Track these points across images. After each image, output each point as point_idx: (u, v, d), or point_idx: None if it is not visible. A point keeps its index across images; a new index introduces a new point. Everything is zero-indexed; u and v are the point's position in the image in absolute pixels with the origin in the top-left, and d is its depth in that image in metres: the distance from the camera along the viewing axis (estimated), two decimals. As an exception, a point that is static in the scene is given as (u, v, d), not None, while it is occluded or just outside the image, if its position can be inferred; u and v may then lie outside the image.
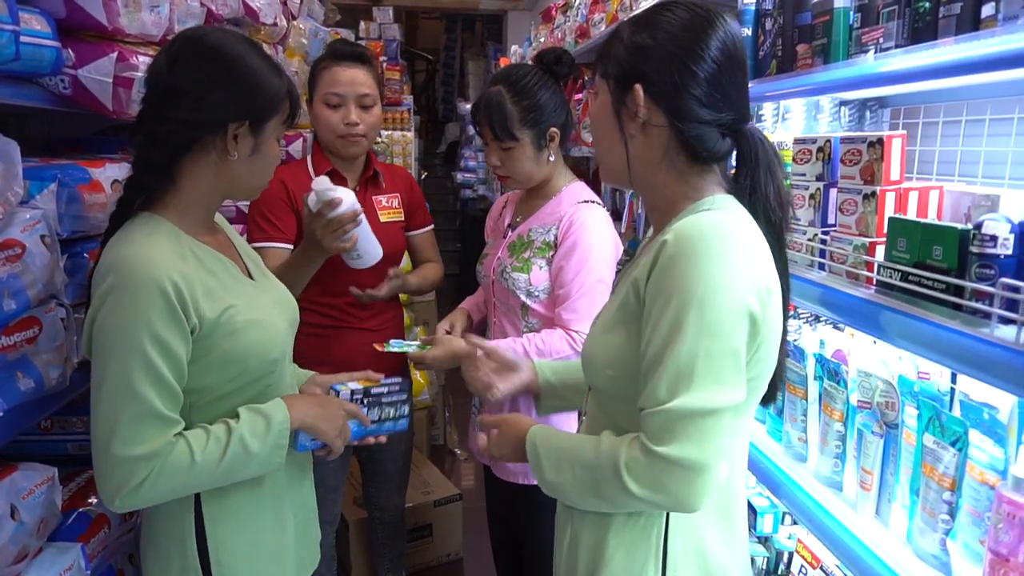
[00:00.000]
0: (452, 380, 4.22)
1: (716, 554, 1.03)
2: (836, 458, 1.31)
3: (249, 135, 1.14)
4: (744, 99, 1.01)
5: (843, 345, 1.36)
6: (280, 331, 1.23)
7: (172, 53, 1.11)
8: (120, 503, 1.03)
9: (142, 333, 1.01)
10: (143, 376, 1.02)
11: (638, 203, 2.62)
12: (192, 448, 1.06)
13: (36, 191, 1.16)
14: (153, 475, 1.02)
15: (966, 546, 1.03)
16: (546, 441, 1.07)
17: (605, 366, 1.03)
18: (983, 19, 0.97)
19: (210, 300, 1.09)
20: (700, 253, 0.90)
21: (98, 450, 1.02)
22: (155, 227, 1.10)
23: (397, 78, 5.81)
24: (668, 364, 0.90)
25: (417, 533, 2.78)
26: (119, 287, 1.02)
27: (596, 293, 1.60)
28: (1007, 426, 1.02)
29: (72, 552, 1.15)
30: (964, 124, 1.38)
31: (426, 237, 2.05)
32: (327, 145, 1.83)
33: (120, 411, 1.01)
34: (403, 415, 1.37)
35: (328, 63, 1.80)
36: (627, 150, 1.02)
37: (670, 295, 0.90)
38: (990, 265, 0.94)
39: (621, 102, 1.01)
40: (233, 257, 1.23)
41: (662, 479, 0.90)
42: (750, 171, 1.00)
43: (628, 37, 1.01)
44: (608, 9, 2.86)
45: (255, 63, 1.14)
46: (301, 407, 1.21)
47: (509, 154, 1.64)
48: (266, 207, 1.78)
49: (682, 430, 0.89)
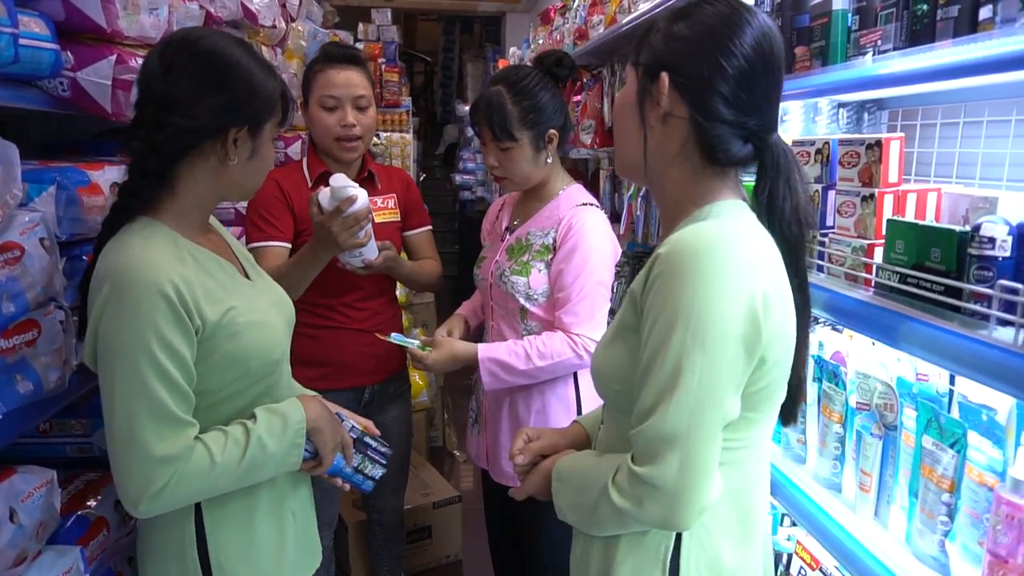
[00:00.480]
0: (451, 382, 4.22)
1: (732, 570, 1.00)
2: (835, 460, 1.31)
3: (248, 139, 1.14)
4: (774, 107, 0.98)
5: (842, 347, 1.36)
6: (279, 332, 1.23)
7: (166, 57, 1.10)
8: (145, 508, 1.03)
9: (149, 337, 1.01)
10: (155, 379, 1.01)
11: (636, 205, 2.62)
12: (211, 450, 1.06)
13: (35, 194, 1.16)
14: (176, 478, 1.02)
15: (965, 547, 1.03)
16: (563, 475, 1.07)
17: (611, 380, 1.02)
18: (980, 21, 0.97)
19: (211, 302, 1.09)
20: (688, 269, 0.88)
21: (118, 457, 1.02)
22: (152, 231, 1.10)
23: (395, 80, 5.81)
24: (652, 383, 0.89)
25: (416, 535, 2.78)
26: (121, 294, 1.02)
27: (596, 296, 1.60)
28: (1005, 428, 1.02)
29: (71, 555, 1.15)
30: (962, 126, 1.38)
31: (424, 237, 2.04)
32: (324, 148, 1.82)
33: (136, 416, 1.01)
34: (374, 477, 1.38)
35: (322, 66, 1.79)
36: (645, 141, 1.00)
37: (659, 312, 0.89)
38: (988, 267, 0.94)
39: (646, 91, 0.98)
40: (230, 258, 1.23)
41: (643, 499, 0.90)
42: (769, 183, 0.97)
43: (665, 26, 0.98)
44: (607, 11, 2.86)
45: (250, 66, 1.13)
46: (315, 408, 1.22)
47: (507, 155, 1.64)
48: (263, 207, 1.78)
49: (662, 451, 0.87)
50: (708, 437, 0.88)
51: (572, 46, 3.38)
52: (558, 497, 1.08)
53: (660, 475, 0.87)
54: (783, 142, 0.98)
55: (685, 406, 0.87)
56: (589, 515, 1.00)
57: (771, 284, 0.92)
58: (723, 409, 0.89)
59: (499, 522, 1.92)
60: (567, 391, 1.69)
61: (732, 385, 0.90)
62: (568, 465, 1.09)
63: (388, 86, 5.80)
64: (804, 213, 0.99)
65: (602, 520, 0.98)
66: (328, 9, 4.35)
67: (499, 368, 1.62)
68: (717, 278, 0.87)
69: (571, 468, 1.07)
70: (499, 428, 1.75)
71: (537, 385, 1.68)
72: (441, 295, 3.90)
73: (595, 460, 1.05)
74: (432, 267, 2.03)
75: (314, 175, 1.83)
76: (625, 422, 1.00)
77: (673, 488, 0.87)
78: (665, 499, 0.88)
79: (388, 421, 1.99)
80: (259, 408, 1.15)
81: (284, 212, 1.79)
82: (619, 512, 0.92)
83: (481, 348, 1.64)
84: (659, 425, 0.87)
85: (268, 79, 1.15)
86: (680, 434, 0.87)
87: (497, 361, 1.61)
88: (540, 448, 1.20)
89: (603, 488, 0.94)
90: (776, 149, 0.97)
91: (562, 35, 3.67)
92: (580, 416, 1.32)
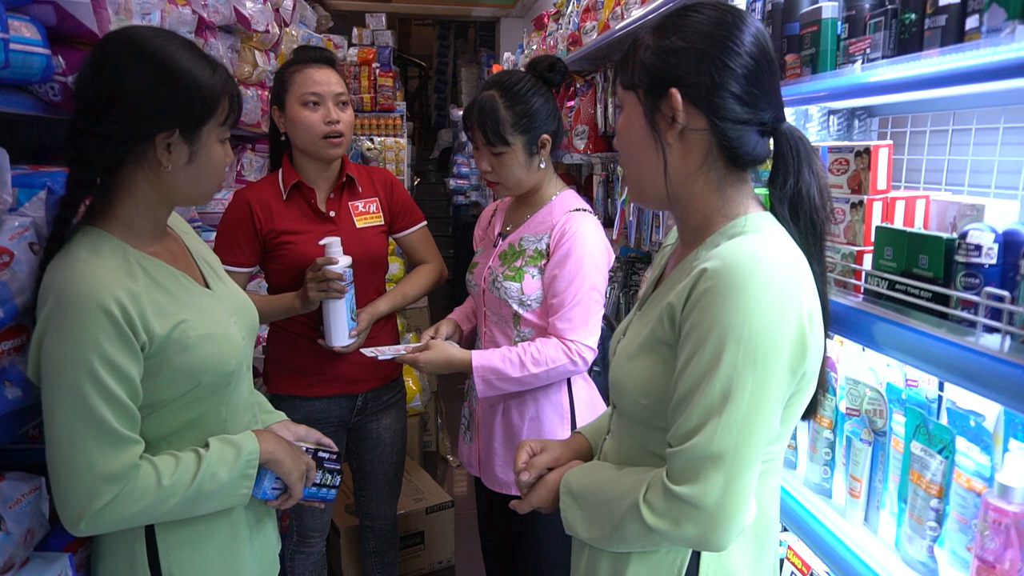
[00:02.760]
0: (445, 387, 4.21)
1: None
2: (825, 465, 1.31)
3: (183, 143, 1.08)
4: (779, 96, 0.97)
5: (832, 353, 1.37)
6: (236, 342, 1.19)
7: (95, 59, 1.05)
8: (85, 526, 1.01)
9: (91, 355, 0.99)
10: (97, 398, 0.99)
11: (629, 210, 2.63)
12: (159, 471, 1.04)
13: (25, 198, 1.15)
14: (119, 497, 1.01)
15: (953, 553, 1.03)
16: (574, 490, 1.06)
17: (638, 394, 0.98)
18: (967, 31, 0.98)
19: (160, 316, 1.07)
20: (740, 288, 0.85)
21: (58, 475, 1.00)
22: (100, 243, 1.06)
23: (390, 84, 5.82)
24: (699, 402, 0.86)
25: (409, 540, 2.77)
26: (64, 309, 0.99)
27: (591, 302, 1.60)
28: (993, 434, 1.03)
29: (59, 562, 1.14)
30: (951, 133, 1.40)
31: (418, 235, 2.01)
32: (307, 148, 1.79)
33: (77, 434, 0.99)
34: (335, 485, 1.37)
35: (298, 67, 1.78)
36: (666, 162, 0.97)
37: (708, 330, 0.86)
38: (975, 274, 0.95)
39: (655, 110, 0.96)
40: (187, 266, 1.20)
41: (681, 519, 0.87)
42: (793, 170, 0.95)
43: (655, 42, 0.96)
44: (600, 17, 2.88)
45: (184, 64, 1.06)
46: (270, 440, 1.20)
47: (500, 159, 1.65)
48: (226, 229, 1.79)
49: (706, 470, 0.85)
50: (753, 457, 0.86)
51: (566, 52, 3.39)
52: (567, 512, 1.05)
53: (702, 495, 0.85)
54: (797, 129, 0.97)
55: (734, 426, 0.84)
56: (611, 532, 0.97)
57: (812, 300, 0.90)
58: (769, 428, 0.88)
59: (493, 528, 1.92)
60: (561, 398, 1.69)
61: (778, 404, 0.88)
62: (579, 479, 1.06)
63: (382, 90, 5.81)
64: (827, 193, 0.98)
65: (628, 538, 0.95)
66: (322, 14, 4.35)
67: (493, 376, 1.61)
68: (769, 296, 0.85)
69: (583, 483, 1.05)
70: (492, 435, 1.74)
71: (531, 392, 1.68)
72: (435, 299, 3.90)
73: (612, 474, 1.01)
74: (429, 271, 2.00)
75: (288, 185, 1.80)
76: (647, 435, 0.98)
77: (715, 508, 0.85)
78: (706, 519, 0.85)
79: (382, 428, 1.99)
80: (213, 438, 1.13)
81: (247, 235, 1.78)
82: (650, 531, 0.90)
83: (475, 355, 1.64)
84: (705, 444, 0.85)
85: (206, 77, 1.08)
86: (727, 454, 0.84)
87: (491, 368, 1.61)
88: (545, 462, 1.18)
89: (632, 506, 0.92)
90: (792, 137, 0.96)
91: (556, 41, 3.68)
92: (581, 427, 1.31)
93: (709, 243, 0.95)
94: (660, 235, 2.35)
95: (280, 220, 1.78)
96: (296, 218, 1.80)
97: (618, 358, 1.06)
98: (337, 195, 1.86)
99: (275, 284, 1.85)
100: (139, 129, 1.05)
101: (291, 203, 1.81)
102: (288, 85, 1.77)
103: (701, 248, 0.95)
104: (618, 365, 1.05)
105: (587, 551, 1.08)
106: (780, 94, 0.98)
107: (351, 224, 1.85)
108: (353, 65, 5.70)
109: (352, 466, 2.09)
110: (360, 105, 5.75)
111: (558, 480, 1.10)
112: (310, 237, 1.77)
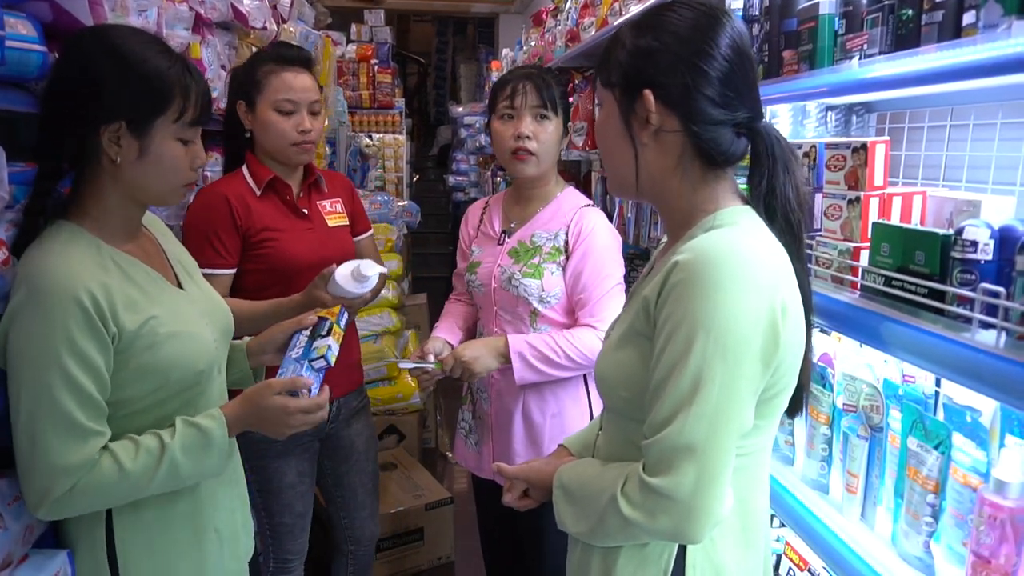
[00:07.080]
0: (443, 383, 4.20)
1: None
2: (822, 461, 1.32)
3: (130, 137, 1.06)
4: (756, 95, 0.97)
5: (829, 349, 1.37)
6: (207, 343, 1.18)
7: (58, 55, 1.06)
8: (45, 512, 1.02)
9: (60, 346, 0.99)
10: (62, 388, 0.99)
11: (628, 207, 2.64)
12: (119, 459, 1.04)
13: (22, 195, 1.16)
14: (79, 485, 1.01)
15: (949, 548, 1.04)
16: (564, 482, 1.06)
17: (619, 386, 0.99)
18: (964, 27, 0.98)
19: (131, 311, 1.06)
20: (710, 279, 0.85)
21: (21, 460, 1.01)
22: (74, 238, 1.06)
23: (388, 81, 5.82)
24: (671, 393, 0.86)
25: (408, 537, 2.77)
26: (35, 299, 0.99)
27: (616, 294, 1.62)
28: (989, 429, 1.03)
29: (58, 558, 1.14)
30: (949, 129, 1.39)
31: (369, 242, 2.01)
32: (276, 152, 1.74)
33: (39, 424, 0.99)
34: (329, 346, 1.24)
35: (274, 67, 1.72)
36: (637, 160, 0.98)
37: (678, 322, 0.86)
38: (971, 270, 0.95)
39: (630, 110, 0.96)
40: (160, 265, 1.19)
41: (656, 511, 0.87)
42: (768, 170, 0.95)
43: (631, 41, 0.96)
44: (598, 14, 2.88)
45: (133, 57, 1.04)
46: (234, 410, 1.15)
47: (543, 127, 1.65)
48: (206, 229, 1.68)
49: (678, 462, 0.85)
50: (725, 448, 0.86)
51: (564, 48, 3.39)
52: (558, 505, 1.06)
53: (675, 486, 0.85)
54: (773, 128, 0.97)
55: (704, 417, 0.85)
56: (594, 526, 0.98)
57: (788, 292, 0.90)
58: (741, 420, 0.88)
59: (494, 524, 1.91)
60: (580, 392, 1.68)
61: (750, 395, 0.88)
62: (569, 472, 1.07)
63: (381, 87, 5.81)
64: (803, 194, 0.98)
65: (609, 531, 0.96)
66: (320, 10, 4.34)
67: (537, 358, 1.58)
68: (739, 288, 0.85)
69: (572, 476, 1.06)
70: (511, 437, 1.71)
71: (551, 388, 1.66)
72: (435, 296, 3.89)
73: (599, 469, 1.02)
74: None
75: (262, 182, 1.74)
76: (631, 428, 0.98)
77: (688, 500, 0.85)
78: (679, 511, 0.86)
79: (353, 434, 1.95)
80: (179, 418, 1.11)
81: (228, 234, 1.70)
82: (628, 523, 0.90)
83: (512, 338, 1.61)
84: (676, 435, 0.85)
85: (156, 72, 1.05)
86: (698, 445, 0.85)
87: (535, 349, 1.58)
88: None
89: (611, 498, 0.92)
90: (769, 136, 0.96)
91: (554, 37, 3.68)
92: (566, 438, 1.30)
93: (687, 237, 0.95)
94: (658, 232, 2.35)
95: (259, 217, 1.72)
96: (273, 215, 1.74)
97: (603, 351, 1.07)
98: (306, 194, 1.82)
99: (249, 286, 1.73)
100: (83, 120, 1.04)
101: (266, 200, 1.74)
102: (262, 86, 1.71)
103: (680, 242, 0.96)
104: (603, 358, 1.06)
105: (579, 547, 1.08)
106: (757, 93, 0.97)
107: (323, 223, 1.82)
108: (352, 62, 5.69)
109: (327, 488, 1.99)
110: (359, 102, 5.74)
111: (552, 471, 1.10)
112: (291, 235, 1.73)
